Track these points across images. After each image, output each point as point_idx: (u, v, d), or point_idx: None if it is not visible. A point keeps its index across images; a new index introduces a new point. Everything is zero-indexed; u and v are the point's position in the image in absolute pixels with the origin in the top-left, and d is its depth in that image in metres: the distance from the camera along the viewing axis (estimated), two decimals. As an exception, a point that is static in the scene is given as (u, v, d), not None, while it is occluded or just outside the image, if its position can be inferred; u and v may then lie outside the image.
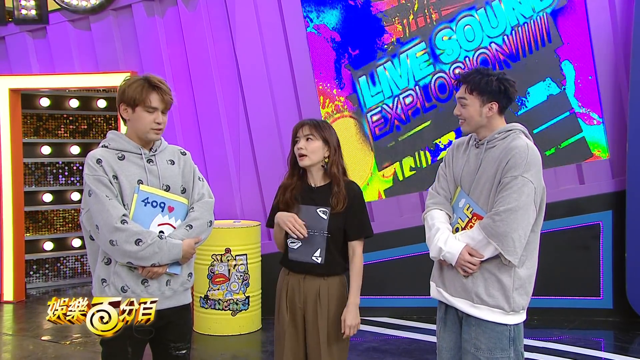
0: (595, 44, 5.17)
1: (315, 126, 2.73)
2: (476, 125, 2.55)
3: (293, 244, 2.76)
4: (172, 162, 2.59)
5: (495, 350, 2.44)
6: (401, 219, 5.27)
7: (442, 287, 2.57)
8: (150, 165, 2.52)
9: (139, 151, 2.52)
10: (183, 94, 5.47)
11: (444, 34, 5.27)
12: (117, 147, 2.52)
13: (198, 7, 5.36)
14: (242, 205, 5.36)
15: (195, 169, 2.66)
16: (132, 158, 2.51)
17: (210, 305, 4.84)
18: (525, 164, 2.41)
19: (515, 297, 2.44)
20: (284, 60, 5.28)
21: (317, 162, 2.74)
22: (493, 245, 2.40)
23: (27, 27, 5.83)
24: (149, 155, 2.54)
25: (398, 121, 5.32)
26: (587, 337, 4.86)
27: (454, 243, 2.48)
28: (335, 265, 2.75)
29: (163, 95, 2.49)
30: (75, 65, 5.78)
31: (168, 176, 2.55)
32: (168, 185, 2.54)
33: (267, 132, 5.31)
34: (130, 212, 2.43)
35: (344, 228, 2.74)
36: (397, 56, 5.30)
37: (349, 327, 2.68)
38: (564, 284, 5.21)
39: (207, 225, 2.58)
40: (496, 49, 5.25)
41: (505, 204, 2.38)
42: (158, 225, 2.47)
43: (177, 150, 2.67)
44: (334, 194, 2.71)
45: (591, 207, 5.22)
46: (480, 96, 2.51)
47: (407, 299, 5.29)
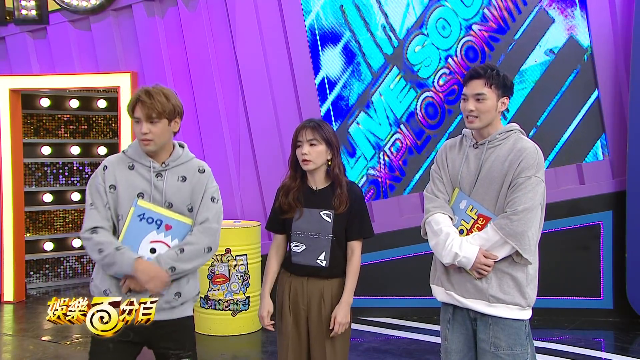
0: (595, 44, 5.16)
1: (318, 129, 2.71)
2: (489, 121, 2.54)
3: (297, 248, 2.74)
4: (184, 179, 2.52)
5: (516, 346, 2.47)
6: (401, 219, 5.27)
7: (452, 289, 2.56)
8: (157, 179, 2.48)
9: (148, 163, 2.49)
10: (183, 94, 5.46)
11: (417, 44, 5.18)
12: (131, 155, 2.52)
13: (198, 8, 5.37)
14: (242, 205, 5.36)
15: (208, 188, 2.57)
16: (140, 169, 2.49)
17: (210, 306, 4.83)
18: (537, 165, 2.46)
19: (529, 292, 2.49)
20: (284, 60, 5.28)
21: (320, 165, 2.74)
22: (510, 245, 2.43)
23: (28, 28, 5.83)
24: (159, 169, 2.50)
25: (391, 180, 5.20)
26: (588, 338, 4.86)
27: (469, 247, 2.47)
28: (338, 267, 2.76)
29: (142, 105, 2.44)
30: (76, 65, 5.78)
31: (173, 193, 2.49)
32: (171, 202, 2.48)
33: (267, 132, 5.31)
34: (125, 225, 2.42)
35: (345, 228, 2.74)
36: (369, 103, 5.16)
37: (339, 324, 2.68)
38: (565, 284, 5.21)
39: (203, 251, 2.49)
40: (479, 29, 5.12)
41: (522, 203, 2.41)
42: (150, 242, 2.44)
43: (197, 166, 2.59)
44: (336, 195, 2.71)
45: (591, 207, 5.21)
46: (497, 90, 2.52)
47: (407, 299, 5.28)
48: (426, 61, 5.16)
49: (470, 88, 2.54)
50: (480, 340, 2.53)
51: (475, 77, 2.54)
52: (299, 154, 2.73)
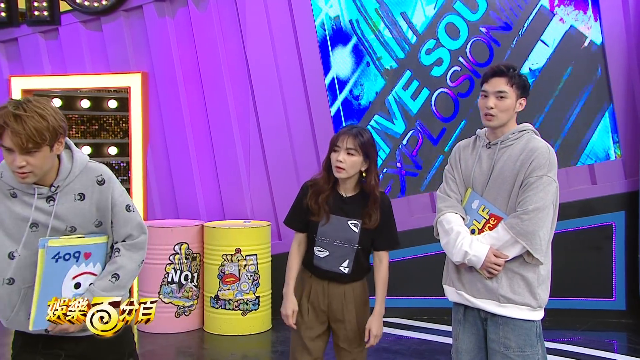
0: (607, 44, 5.12)
1: (359, 140, 2.63)
2: (505, 120, 2.53)
3: (320, 252, 2.72)
4: (82, 197, 2.12)
5: (525, 347, 2.46)
6: (412, 219, 5.25)
7: (463, 289, 2.56)
8: (48, 205, 2.07)
9: (32, 191, 2.06)
10: (193, 94, 5.48)
11: (428, 47, 5.20)
12: (9, 181, 2.07)
13: (208, 8, 5.38)
14: (252, 205, 5.37)
15: (116, 199, 2.17)
16: (24, 198, 2.07)
17: (220, 305, 4.84)
18: (549, 164, 2.45)
19: (540, 292, 2.48)
20: (294, 60, 5.28)
21: (353, 175, 2.69)
22: (520, 245, 2.42)
23: (40, 29, 5.87)
24: (47, 194, 2.08)
25: (408, 175, 5.23)
26: (600, 339, 4.82)
27: (479, 246, 2.47)
28: (360, 273, 2.76)
29: (13, 134, 1.91)
30: (87, 66, 5.81)
31: (75, 215, 2.12)
32: (74, 226, 2.12)
33: (278, 132, 5.31)
34: (38, 275, 2.06)
35: (372, 238, 2.73)
36: (385, 101, 5.19)
37: (375, 337, 2.69)
38: (576, 284, 5.17)
39: (137, 268, 2.23)
40: (487, 27, 5.15)
41: (533, 202, 2.40)
42: (73, 279, 2.14)
43: (94, 178, 2.15)
44: (369, 209, 2.67)
45: (604, 207, 5.17)
46: (517, 90, 2.52)
47: (417, 299, 5.27)
48: (438, 61, 5.19)
49: (492, 85, 2.53)
50: (490, 341, 2.52)
51: (498, 74, 2.53)
52: (333, 159, 2.67)
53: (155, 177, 5.61)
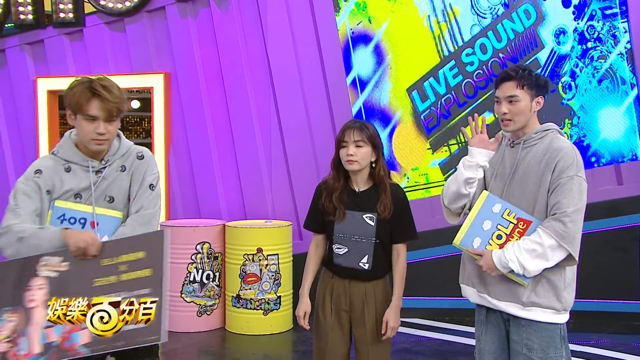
0: (636, 49, 5.03)
1: (365, 132, 2.68)
2: (523, 123, 2.49)
3: (339, 250, 2.73)
4: (123, 169, 2.33)
5: (549, 349, 2.42)
6: (433, 219, 5.20)
7: (485, 291, 2.52)
8: (98, 177, 2.28)
9: (86, 163, 2.29)
10: (215, 94, 5.51)
11: (466, 52, 5.22)
12: (64, 156, 2.31)
13: (230, 8, 5.40)
14: (274, 205, 5.37)
15: (147, 176, 2.34)
16: (78, 171, 2.29)
17: (242, 305, 4.86)
18: (577, 164, 2.40)
19: (566, 296, 2.43)
20: (316, 60, 5.28)
21: (365, 167, 2.71)
22: (564, 249, 2.34)
23: (65, 30, 5.95)
24: (99, 167, 2.30)
25: (442, 117, 5.30)
26: (628, 342, 4.73)
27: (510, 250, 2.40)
28: (381, 269, 2.75)
29: (104, 102, 2.19)
30: (110, 66, 5.87)
31: (115, 186, 2.30)
32: (112, 196, 2.29)
33: (299, 132, 5.31)
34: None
35: (390, 231, 2.71)
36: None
37: (392, 329, 2.68)
38: (602, 286, 5.08)
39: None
40: (502, 56, 5.18)
41: (572, 205, 2.35)
42: None
43: (135, 152, 2.37)
44: (381, 200, 2.68)
45: (630, 208, 5.08)
46: (530, 90, 2.48)
47: (438, 299, 5.23)
48: (469, 64, 5.21)
49: (502, 91, 2.50)
50: (513, 342, 2.49)
51: (507, 79, 2.50)
52: (343, 155, 2.69)
53: (177, 177, 5.65)
